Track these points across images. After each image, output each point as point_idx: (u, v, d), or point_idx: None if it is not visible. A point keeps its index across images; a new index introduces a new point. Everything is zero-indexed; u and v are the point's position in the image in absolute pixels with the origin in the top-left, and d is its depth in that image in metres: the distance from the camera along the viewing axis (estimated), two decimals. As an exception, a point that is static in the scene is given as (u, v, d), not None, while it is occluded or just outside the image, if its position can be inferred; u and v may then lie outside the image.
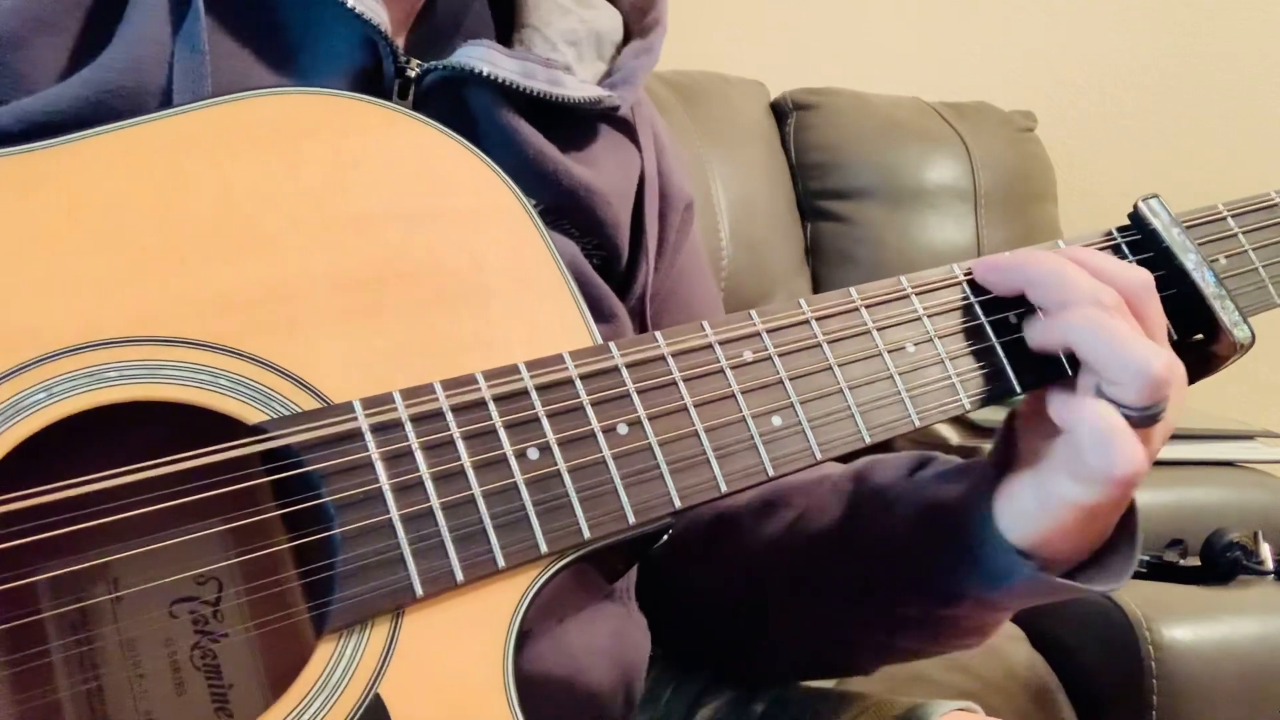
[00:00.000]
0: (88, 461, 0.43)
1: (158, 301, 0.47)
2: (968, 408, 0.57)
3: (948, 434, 1.47)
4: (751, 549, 0.72)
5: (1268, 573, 1.33)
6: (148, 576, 0.48)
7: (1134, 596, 1.26)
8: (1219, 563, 1.32)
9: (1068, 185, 2.09)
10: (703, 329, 0.54)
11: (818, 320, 0.56)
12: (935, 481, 0.65)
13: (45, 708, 0.46)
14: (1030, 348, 0.58)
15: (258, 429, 0.46)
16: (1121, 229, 0.63)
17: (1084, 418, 0.53)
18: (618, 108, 0.70)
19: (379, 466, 0.47)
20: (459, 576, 0.46)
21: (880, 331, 0.57)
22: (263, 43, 0.60)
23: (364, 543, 0.46)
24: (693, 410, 0.52)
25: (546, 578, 0.48)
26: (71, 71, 0.56)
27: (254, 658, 0.50)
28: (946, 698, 0.72)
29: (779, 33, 2.07)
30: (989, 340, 0.58)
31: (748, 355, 0.54)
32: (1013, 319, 0.58)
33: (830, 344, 0.55)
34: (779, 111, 1.93)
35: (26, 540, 0.42)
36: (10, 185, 0.47)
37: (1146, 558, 1.34)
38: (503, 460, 0.48)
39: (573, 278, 0.54)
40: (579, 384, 0.50)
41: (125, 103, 0.55)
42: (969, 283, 0.59)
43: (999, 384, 0.58)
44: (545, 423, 0.49)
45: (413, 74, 0.62)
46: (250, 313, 0.48)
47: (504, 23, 0.70)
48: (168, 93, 0.56)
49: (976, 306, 0.58)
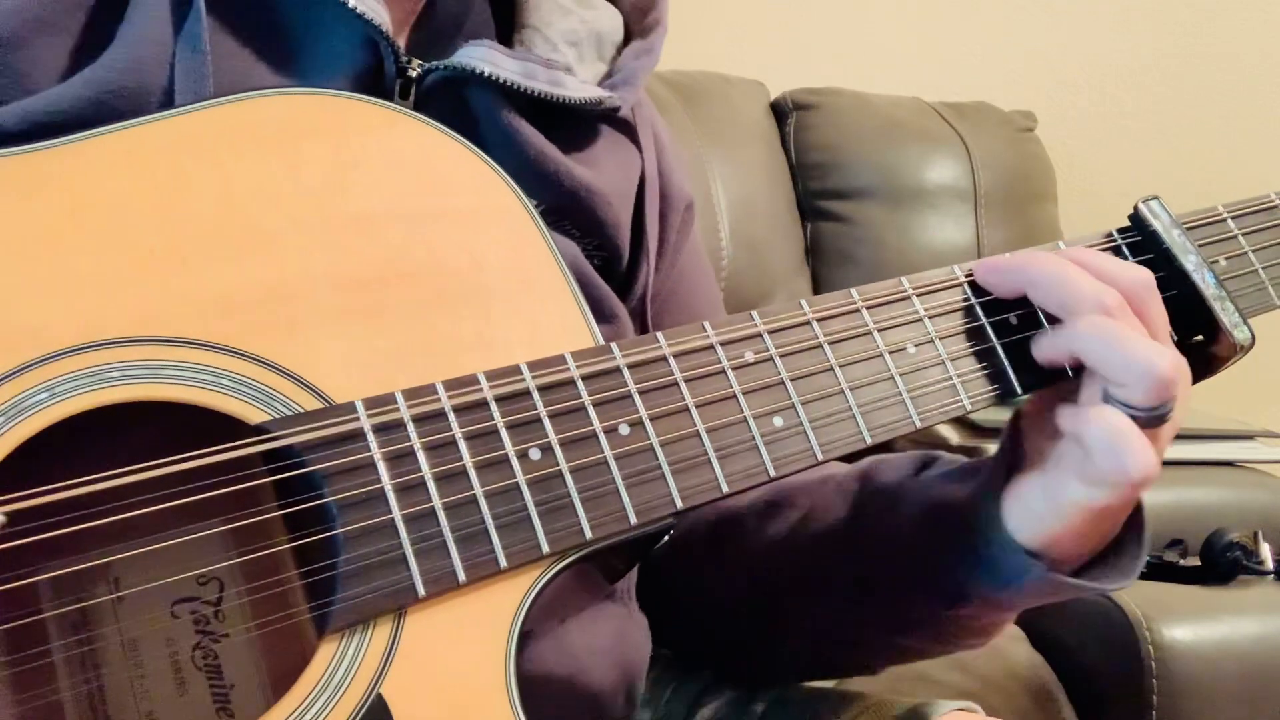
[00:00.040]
0: (89, 461, 0.43)
1: (159, 301, 0.47)
2: (969, 409, 0.57)
3: (948, 434, 1.47)
4: (755, 549, 0.72)
5: (1268, 573, 1.33)
6: (149, 576, 0.48)
7: (1134, 596, 1.26)
8: (1219, 563, 1.32)
9: (1068, 185, 2.09)
10: (704, 330, 0.54)
11: (819, 321, 0.56)
12: (941, 481, 0.65)
13: (47, 707, 0.46)
14: (1038, 361, 0.58)
15: (260, 429, 0.46)
16: (1122, 230, 0.63)
17: (1093, 423, 0.53)
18: (618, 108, 0.69)
19: (381, 467, 0.47)
20: (461, 577, 0.46)
21: (881, 332, 0.57)
22: (264, 43, 0.60)
23: (366, 543, 0.46)
24: (694, 411, 0.52)
25: (548, 578, 0.48)
26: (73, 72, 0.56)
27: (255, 658, 0.50)
28: (947, 697, 0.72)
29: (779, 33, 2.07)
30: (990, 341, 0.58)
31: (749, 356, 0.54)
32: (1014, 320, 0.58)
33: (831, 345, 0.55)
34: (779, 111, 1.93)
35: (28, 540, 0.42)
36: (12, 185, 0.47)
37: (1146, 557, 1.34)
38: (505, 460, 0.48)
39: (574, 278, 0.54)
40: (581, 384, 0.51)
41: (127, 103, 0.55)
42: (970, 284, 0.59)
43: (1000, 385, 0.58)
44: (547, 423, 0.49)
45: (414, 74, 0.62)
46: (252, 313, 0.48)
47: (505, 23, 0.70)
48: (169, 93, 0.56)
49: (977, 308, 0.59)
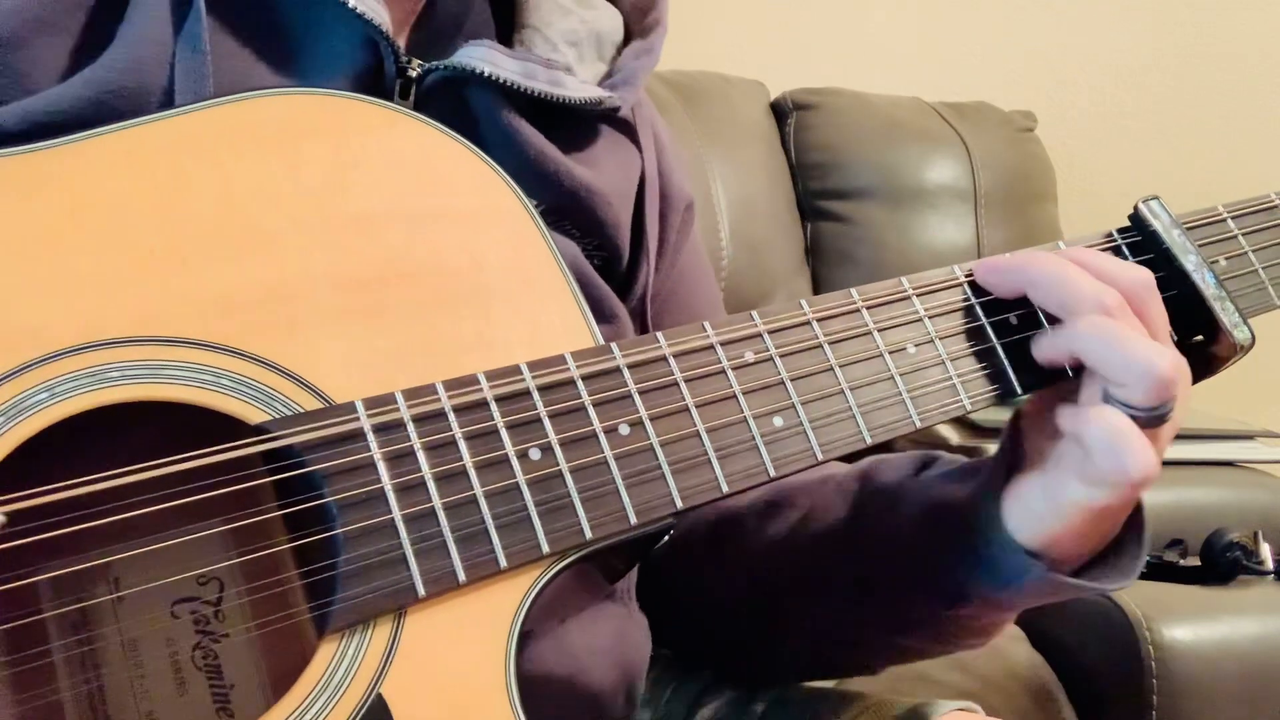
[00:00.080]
0: (89, 461, 0.43)
1: (159, 301, 0.47)
2: (969, 409, 0.57)
3: (948, 434, 1.47)
4: (755, 549, 0.72)
5: (1268, 573, 1.33)
6: (149, 576, 0.48)
7: (1134, 596, 1.26)
8: (1219, 563, 1.32)
9: (1068, 185, 2.09)
10: (704, 330, 0.54)
11: (819, 321, 0.56)
12: (941, 481, 0.65)
13: (47, 707, 0.46)
14: (1038, 363, 0.58)
15: (260, 429, 0.46)
16: (1122, 230, 0.63)
17: (1093, 423, 0.53)
18: (618, 108, 0.69)
19: (381, 467, 0.47)
20: (461, 577, 0.46)
21: (881, 333, 0.57)
22: (264, 43, 0.60)
23: (366, 543, 0.46)
24: (694, 411, 0.52)
25: (548, 578, 0.48)
26: (73, 72, 0.56)
27: (255, 658, 0.50)
28: (947, 697, 0.72)
29: (779, 33, 2.07)
30: (990, 341, 0.58)
31: (749, 356, 0.54)
32: (1014, 320, 0.58)
33: (832, 345, 0.55)
34: (779, 111, 1.93)
35: (28, 540, 0.42)
36: (13, 185, 0.47)
37: (1147, 557, 1.34)
38: (505, 460, 0.48)
39: (574, 278, 0.54)
40: (581, 384, 0.51)
41: (127, 103, 0.55)
42: (970, 284, 0.59)
43: (1000, 385, 0.58)
44: (547, 423, 0.49)
45: (414, 74, 0.62)
46: (252, 313, 0.48)
47: (505, 23, 0.70)
48: (169, 93, 0.56)
49: (977, 308, 0.59)
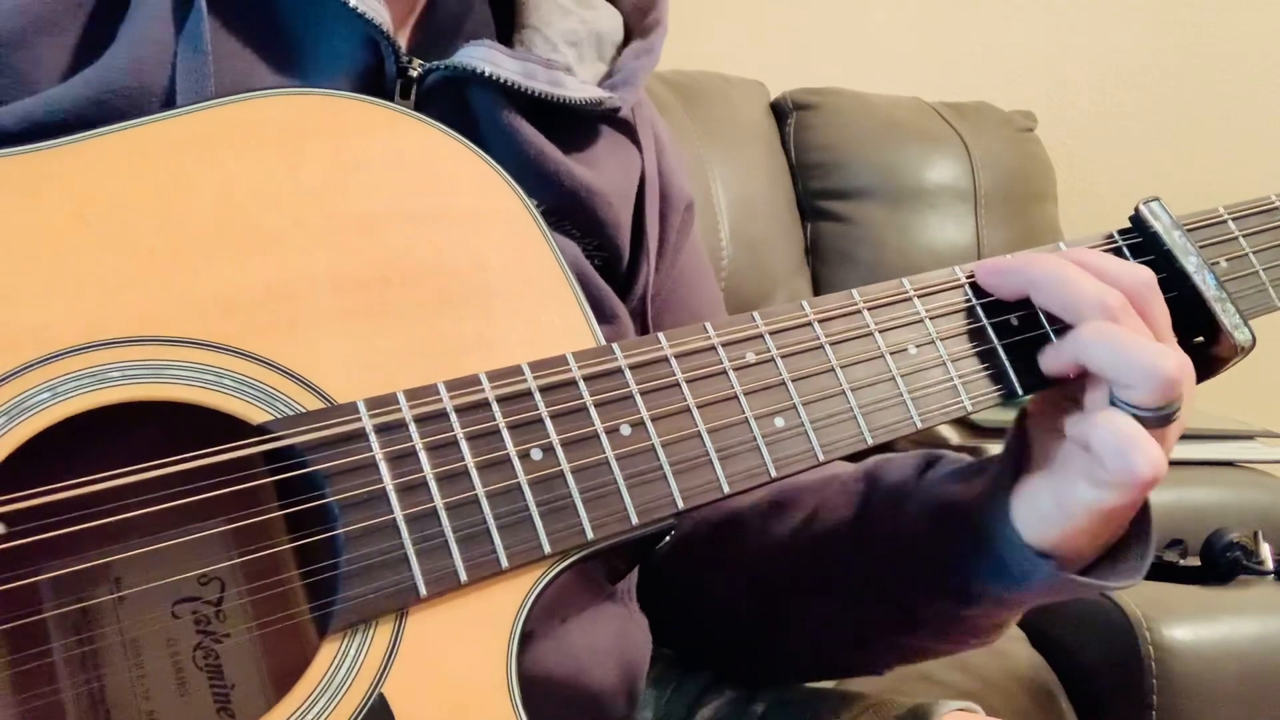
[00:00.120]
0: (90, 461, 0.43)
1: (161, 301, 0.47)
2: (970, 410, 0.57)
3: (949, 435, 1.47)
4: (759, 550, 0.72)
5: (1268, 573, 1.33)
6: (150, 576, 0.48)
7: (1134, 596, 1.25)
8: (1219, 563, 1.32)
9: (1068, 185, 2.09)
10: (705, 330, 0.54)
11: (820, 322, 0.56)
12: (947, 480, 0.65)
13: (48, 708, 0.46)
14: (1045, 374, 0.58)
15: (262, 429, 0.46)
16: (1123, 232, 0.63)
17: (1100, 428, 0.53)
18: (618, 109, 0.69)
19: (383, 467, 0.47)
20: (463, 577, 0.46)
21: (882, 334, 0.57)
22: (265, 43, 0.60)
23: (368, 543, 0.46)
24: (695, 411, 0.52)
25: (550, 578, 0.48)
26: (74, 72, 0.56)
27: (257, 658, 0.50)
28: (947, 697, 0.72)
29: (779, 33, 2.07)
30: (991, 342, 0.58)
31: (750, 357, 0.54)
32: (1015, 321, 0.59)
33: (833, 346, 0.55)
34: (779, 111, 1.93)
35: (29, 540, 0.42)
36: (14, 185, 0.47)
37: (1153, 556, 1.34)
38: (506, 461, 0.48)
39: (575, 278, 0.54)
40: (582, 385, 0.51)
41: (128, 103, 0.55)
42: (971, 285, 0.59)
43: (1001, 386, 0.58)
44: (549, 423, 0.49)
45: (415, 74, 0.62)
46: (253, 313, 0.48)
47: (505, 23, 0.70)
48: (170, 93, 0.56)
49: (978, 309, 0.59)
